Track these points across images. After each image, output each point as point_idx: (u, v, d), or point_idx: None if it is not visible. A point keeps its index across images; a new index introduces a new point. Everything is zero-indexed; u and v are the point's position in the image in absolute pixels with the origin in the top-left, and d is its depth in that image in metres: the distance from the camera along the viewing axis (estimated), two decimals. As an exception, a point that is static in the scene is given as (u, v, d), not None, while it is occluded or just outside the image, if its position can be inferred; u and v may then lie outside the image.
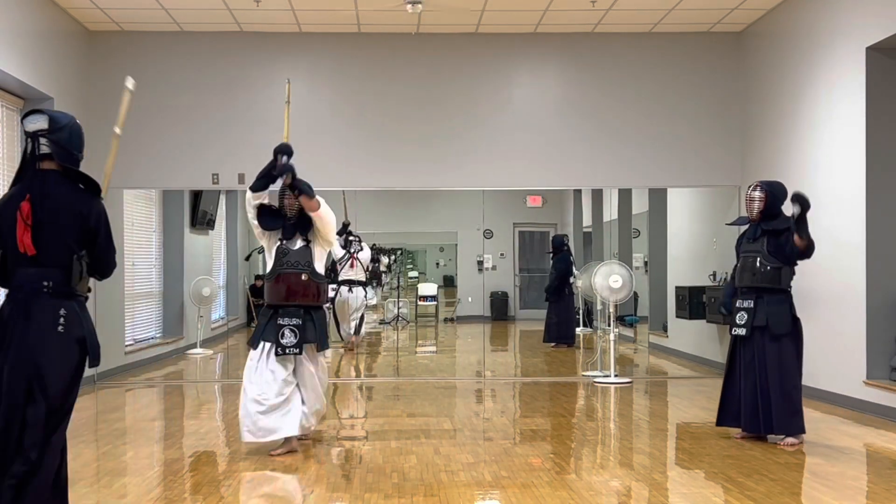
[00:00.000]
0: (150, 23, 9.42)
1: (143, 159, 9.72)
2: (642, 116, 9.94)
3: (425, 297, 14.28)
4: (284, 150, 6.10)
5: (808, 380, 8.35)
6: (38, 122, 3.87)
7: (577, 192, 13.04)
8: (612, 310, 9.57)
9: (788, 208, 6.23)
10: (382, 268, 14.35)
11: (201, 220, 11.99)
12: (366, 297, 12.08)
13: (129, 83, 4.52)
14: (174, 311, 11.91)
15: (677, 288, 10.57)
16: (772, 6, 9.06)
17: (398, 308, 13.99)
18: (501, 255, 13.47)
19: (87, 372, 9.45)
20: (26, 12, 8.13)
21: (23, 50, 8.03)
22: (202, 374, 11.03)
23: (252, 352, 6.03)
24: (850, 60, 7.71)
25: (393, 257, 14.84)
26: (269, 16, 9.24)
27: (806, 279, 8.46)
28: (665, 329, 11.57)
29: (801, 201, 6.02)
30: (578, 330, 12.49)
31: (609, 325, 9.59)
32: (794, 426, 6.17)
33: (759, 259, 6.24)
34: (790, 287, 6.28)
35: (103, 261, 3.94)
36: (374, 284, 13.95)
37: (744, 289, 6.34)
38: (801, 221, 6.04)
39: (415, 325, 14.25)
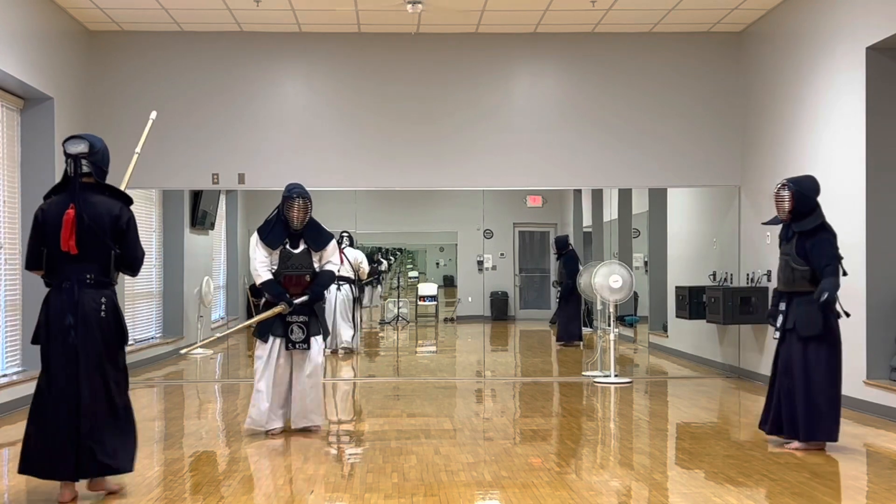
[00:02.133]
0: (150, 23, 9.42)
1: (143, 159, 9.64)
2: (642, 116, 9.94)
3: (425, 297, 14.28)
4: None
5: (808, 380, 8.36)
6: (80, 147, 4.76)
7: (577, 192, 13.05)
8: (612, 310, 9.57)
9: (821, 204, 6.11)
10: (383, 267, 14.36)
11: (201, 220, 11.99)
12: (355, 296, 12.04)
13: (153, 115, 5.92)
14: (174, 311, 11.91)
15: (677, 288, 10.57)
16: (772, 6, 9.06)
17: (398, 308, 13.99)
18: (501, 255, 13.47)
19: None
20: (26, 12, 8.13)
21: (23, 50, 8.03)
22: (202, 374, 11.03)
23: (261, 344, 6.53)
24: (850, 60, 7.71)
25: (390, 261, 14.84)
26: (269, 16, 9.24)
27: (806, 279, 8.46)
28: (665, 329, 11.57)
29: (822, 305, 5.86)
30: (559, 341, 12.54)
31: (609, 325, 9.59)
32: (818, 432, 5.91)
33: (790, 261, 6.06)
34: None
35: (130, 257, 4.81)
36: (374, 285, 13.96)
37: (782, 291, 6.18)
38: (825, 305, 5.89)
39: (415, 325, 14.25)
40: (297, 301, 6.50)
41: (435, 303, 14.29)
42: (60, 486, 4.71)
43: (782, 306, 6.12)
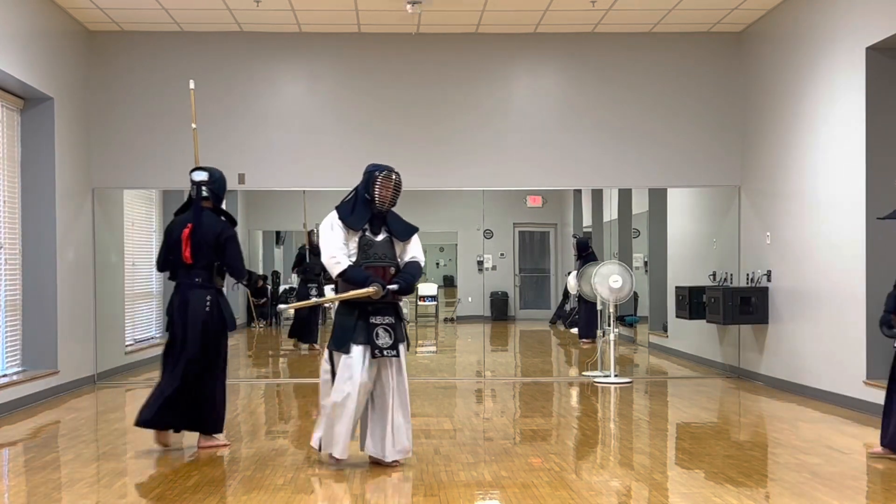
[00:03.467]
0: (150, 23, 9.42)
1: (143, 159, 9.72)
2: (642, 116, 9.94)
3: (425, 297, 14.28)
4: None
5: (808, 380, 8.37)
6: (202, 176, 6.10)
7: (577, 192, 13.05)
8: (612, 310, 9.57)
9: None
10: None
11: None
12: None
13: (192, 84, 6.54)
14: (174, 311, 11.89)
15: (677, 288, 10.57)
16: (772, 6, 9.06)
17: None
18: (501, 255, 13.48)
19: (88, 372, 9.50)
20: (26, 12, 8.13)
21: (23, 50, 8.03)
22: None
23: (338, 357, 5.44)
24: (850, 60, 7.71)
25: None
26: (269, 16, 9.24)
27: (806, 279, 8.47)
28: (665, 329, 11.57)
29: None
30: (575, 330, 12.54)
31: (609, 325, 9.59)
32: None
33: None
34: None
35: (229, 266, 6.08)
36: None
37: None
38: None
39: (415, 325, 14.25)
40: (389, 287, 5.43)
41: (435, 303, 14.29)
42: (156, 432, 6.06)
43: None
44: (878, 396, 7.25)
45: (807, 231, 8.49)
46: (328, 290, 11.44)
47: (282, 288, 13.48)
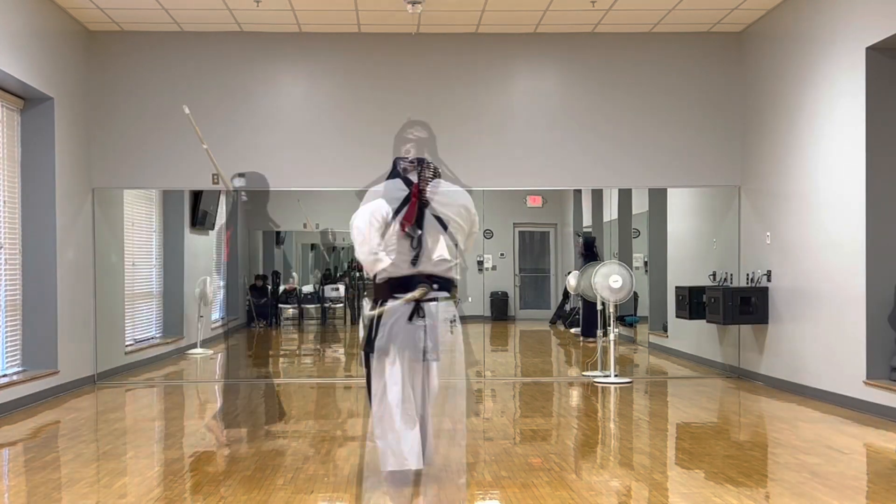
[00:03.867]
0: (150, 23, 9.42)
1: (143, 159, 9.73)
2: (642, 116, 9.94)
3: (425, 297, 14.26)
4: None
5: (808, 380, 8.38)
6: (240, 182, 6.64)
7: (577, 192, 13.05)
8: (612, 310, 9.57)
9: None
10: None
11: (201, 220, 11.99)
12: None
13: (186, 109, 6.69)
14: (174, 311, 11.91)
15: (677, 288, 10.57)
16: (772, 6, 9.06)
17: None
18: (501, 255, 13.47)
19: (88, 372, 9.58)
20: (26, 12, 8.13)
21: (23, 50, 8.03)
22: (202, 374, 11.03)
23: (381, 360, 4.96)
24: (850, 60, 7.71)
25: None
26: (269, 16, 9.24)
27: (806, 279, 8.48)
28: (665, 329, 11.57)
29: None
30: (575, 330, 12.54)
31: (609, 325, 9.59)
32: None
33: None
34: None
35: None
36: None
37: None
38: None
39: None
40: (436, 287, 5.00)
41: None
42: None
43: None
44: (878, 396, 7.26)
45: (807, 231, 8.49)
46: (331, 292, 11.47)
47: (281, 288, 13.48)
